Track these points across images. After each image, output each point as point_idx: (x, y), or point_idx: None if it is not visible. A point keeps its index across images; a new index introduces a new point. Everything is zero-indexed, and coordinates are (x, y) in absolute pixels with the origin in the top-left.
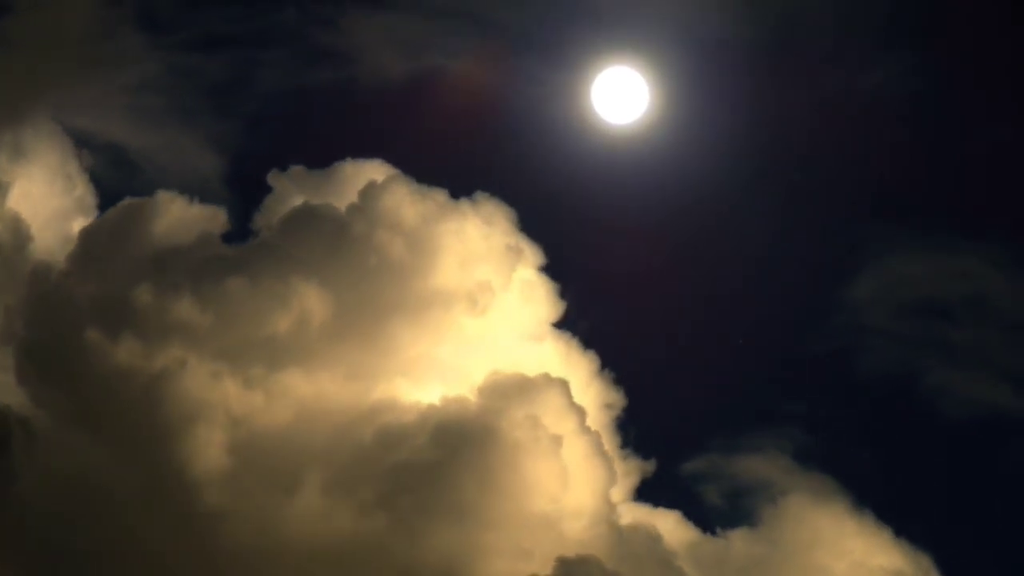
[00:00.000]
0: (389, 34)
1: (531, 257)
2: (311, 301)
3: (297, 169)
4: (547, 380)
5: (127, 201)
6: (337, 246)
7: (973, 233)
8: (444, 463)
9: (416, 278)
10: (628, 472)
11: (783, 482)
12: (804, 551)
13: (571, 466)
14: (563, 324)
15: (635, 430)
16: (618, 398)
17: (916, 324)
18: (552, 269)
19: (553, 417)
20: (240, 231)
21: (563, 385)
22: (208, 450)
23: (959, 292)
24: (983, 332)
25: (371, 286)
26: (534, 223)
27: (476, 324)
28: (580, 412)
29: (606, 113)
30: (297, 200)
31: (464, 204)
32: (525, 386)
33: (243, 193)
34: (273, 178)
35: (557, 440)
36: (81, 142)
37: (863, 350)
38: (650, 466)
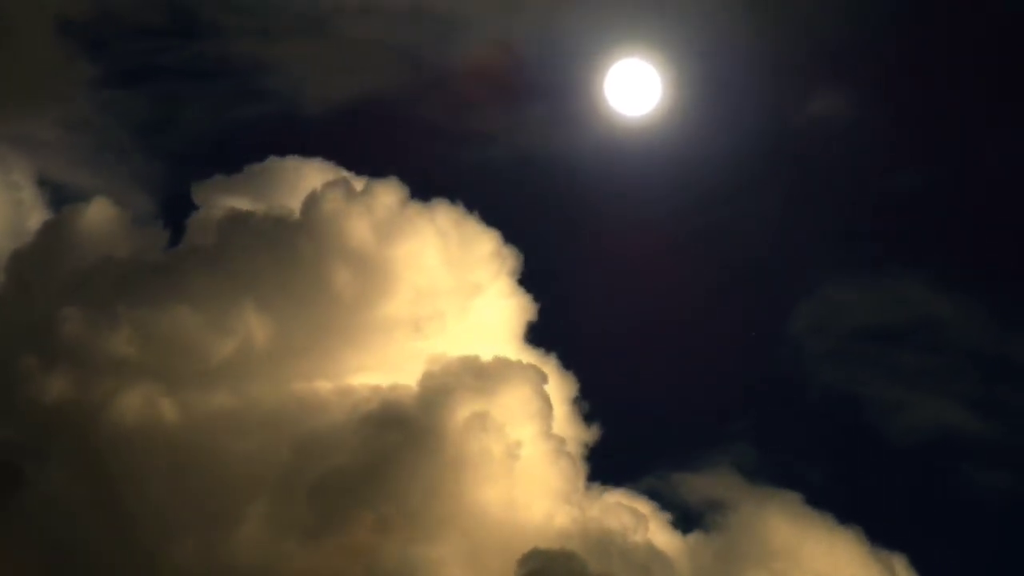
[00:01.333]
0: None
1: (507, 271)
2: (251, 318)
3: (219, 178)
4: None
5: (57, 215)
6: (279, 258)
7: (910, 260)
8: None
9: (367, 295)
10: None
11: (735, 497)
12: (763, 560)
13: (533, 469)
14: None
15: (604, 459)
16: (592, 433)
17: (861, 348)
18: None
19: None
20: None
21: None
22: (146, 477)
23: (903, 316)
24: (927, 354)
25: (312, 302)
26: (521, 230)
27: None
28: (546, 407)
29: (619, 105)
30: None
31: (433, 210)
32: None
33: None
34: (197, 191)
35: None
36: (36, 175)
37: (810, 374)
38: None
